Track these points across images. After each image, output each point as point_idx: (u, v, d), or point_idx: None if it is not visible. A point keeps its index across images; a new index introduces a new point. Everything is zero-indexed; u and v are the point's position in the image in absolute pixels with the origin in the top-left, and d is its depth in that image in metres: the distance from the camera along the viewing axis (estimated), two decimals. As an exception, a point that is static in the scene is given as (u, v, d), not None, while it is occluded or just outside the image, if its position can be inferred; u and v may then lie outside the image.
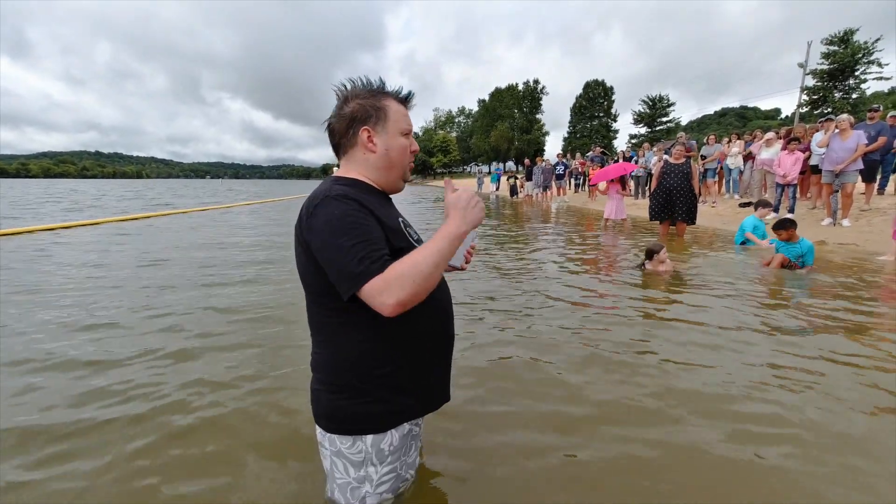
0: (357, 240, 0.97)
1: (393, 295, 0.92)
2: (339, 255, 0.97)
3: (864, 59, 36.42)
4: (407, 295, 0.93)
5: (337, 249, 0.97)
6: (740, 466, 1.71)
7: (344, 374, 1.13)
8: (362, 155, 1.16)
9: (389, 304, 0.93)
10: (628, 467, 1.72)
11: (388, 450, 1.18)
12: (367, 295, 0.95)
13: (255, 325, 3.35)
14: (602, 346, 2.88)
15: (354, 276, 0.95)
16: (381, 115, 1.14)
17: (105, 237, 8.20)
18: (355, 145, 1.15)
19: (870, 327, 3.18)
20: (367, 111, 1.13)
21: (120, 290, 4.33)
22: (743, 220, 6.47)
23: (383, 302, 0.93)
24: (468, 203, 1.06)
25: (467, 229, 1.03)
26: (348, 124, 1.14)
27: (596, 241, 7.63)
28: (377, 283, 0.93)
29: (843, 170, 7.01)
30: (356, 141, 1.15)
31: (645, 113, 58.87)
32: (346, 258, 0.95)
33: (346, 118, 1.14)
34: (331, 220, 0.99)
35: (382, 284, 0.93)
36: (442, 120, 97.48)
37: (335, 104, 1.17)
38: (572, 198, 17.91)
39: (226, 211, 15.09)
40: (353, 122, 1.13)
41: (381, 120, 1.14)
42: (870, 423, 1.99)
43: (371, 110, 1.13)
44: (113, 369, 2.59)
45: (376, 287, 0.93)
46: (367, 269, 0.94)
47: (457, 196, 1.07)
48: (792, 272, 4.75)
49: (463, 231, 1.02)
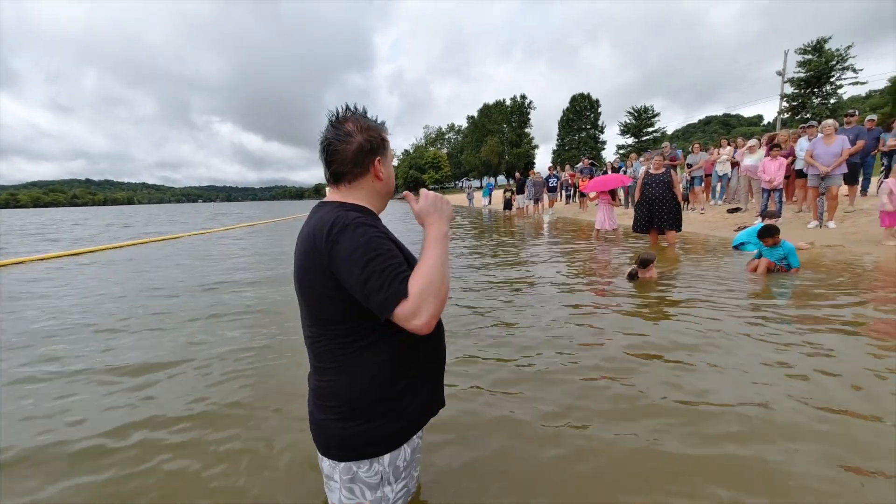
0: (389, 264, 1.01)
1: (426, 311, 0.98)
2: (375, 280, 0.99)
3: (839, 66, 37.64)
4: (436, 306, 0.99)
5: (373, 275, 1.00)
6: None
7: (359, 398, 1.13)
8: (371, 183, 1.19)
9: (424, 319, 0.98)
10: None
11: (403, 465, 1.21)
12: (406, 313, 0.98)
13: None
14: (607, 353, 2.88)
15: (393, 299, 0.98)
16: (385, 145, 1.21)
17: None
18: (366, 174, 1.18)
19: (862, 324, 3.22)
20: (378, 143, 1.18)
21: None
22: (741, 226, 6.59)
23: (419, 319, 0.98)
24: (436, 203, 1.16)
25: (448, 226, 1.14)
26: (364, 155, 1.16)
27: (590, 251, 7.70)
28: (412, 301, 0.98)
29: (829, 173, 7.18)
30: (368, 170, 1.17)
31: (631, 124, 59.98)
32: (383, 282, 0.99)
33: (360, 149, 1.15)
34: (361, 247, 1.02)
35: (417, 302, 0.98)
36: (432, 137, 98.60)
37: (335, 129, 1.15)
38: (564, 209, 18.09)
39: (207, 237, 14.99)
40: (368, 154, 1.16)
41: (385, 150, 1.22)
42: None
43: (380, 142, 1.19)
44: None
45: (412, 305, 0.98)
46: (404, 290, 0.99)
47: (424, 203, 1.16)
48: (783, 275, 4.85)
49: (447, 228, 1.12)
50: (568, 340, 3.25)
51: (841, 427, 1.99)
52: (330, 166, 1.17)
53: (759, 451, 1.84)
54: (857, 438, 1.90)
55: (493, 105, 75.78)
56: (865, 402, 2.19)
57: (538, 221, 15.02)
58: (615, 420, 2.15)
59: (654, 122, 59.30)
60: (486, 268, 6.47)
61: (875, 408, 2.13)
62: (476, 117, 78.75)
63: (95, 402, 2.58)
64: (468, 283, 5.35)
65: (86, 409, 2.48)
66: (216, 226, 19.07)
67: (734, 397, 2.29)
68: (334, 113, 1.19)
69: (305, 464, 1.88)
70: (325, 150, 1.17)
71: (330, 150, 1.16)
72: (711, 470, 1.75)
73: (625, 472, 1.78)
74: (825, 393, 2.29)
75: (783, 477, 1.69)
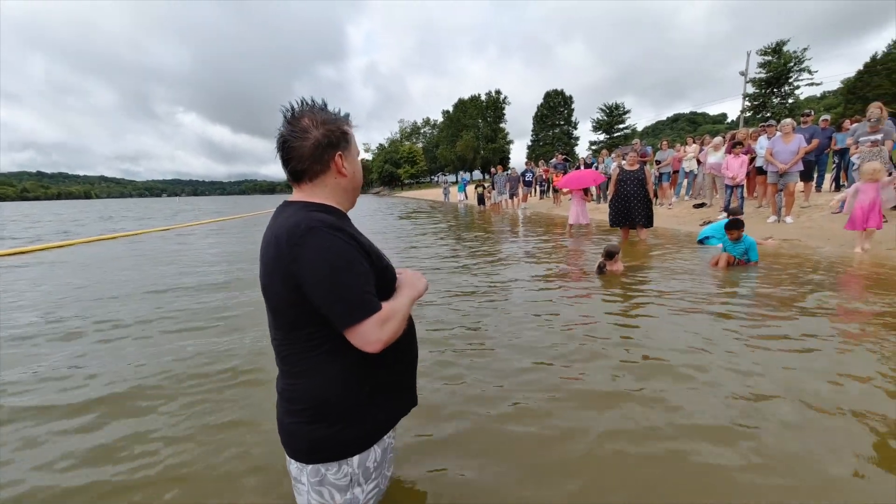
0: (354, 277, 1.03)
1: (386, 333, 1.03)
2: (337, 291, 1.01)
3: (796, 68, 39.62)
4: (394, 335, 1.06)
5: (335, 286, 1.01)
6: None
7: (326, 401, 1.12)
8: (334, 180, 1.15)
9: (382, 340, 1.03)
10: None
11: (373, 466, 1.20)
12: (363, 330, 1.02)
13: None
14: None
15: (355, 313, 1.01)
16: (347, 139, 1.16)
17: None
18: (327, 171, 1.13)
19: (819, 310, 3.40)
20: (338, 136, 1.13)
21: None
22: (706, 221, 6.83)
23: (378, 339, 1.02)
24: (415, 277, 1.27)
25: (419, 293, 1.25)
26: (322, 150, 1.11)
27: (563, 245, 7.82)
28: (374, 321, 1.02)
29: (787, 170, 7.52)
30: (329, 167, 1.13)
31: (603, 120, 61.40)
32: (346, 295, 1.01)
33: (317, 144, 1.10)
34: (325, 255, 1.01)
35: (378, 323, 1.02)
36: (408, 131, 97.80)
37: (290, 126, 1.10)
38: (538, 204, 18.33)
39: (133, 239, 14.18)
40: (327, 148, 1.11)
41: (348, 144, 1.16)
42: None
43: (340, 135, 1.13)
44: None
45: (374, 324, 1.02)
46: (366, 307, 1.02)
47: (401, 278, 1.25)
48: (742, 268, 5.10)
49: (417, 295, 1.23)
50: (537, 332, 3.27)
51: (755, 411, 2.08)
52: (288, 165, 1.12)
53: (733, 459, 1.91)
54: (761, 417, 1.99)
55: (468, 100, 75.77)
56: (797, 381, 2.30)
57: (513, 216, 15.16)
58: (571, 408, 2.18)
59: (625, 119, 60.98)
60: (460, 260, 6.47)
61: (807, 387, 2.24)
62: (451, 112, 78.55)
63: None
64: (442, 277, 5.33)
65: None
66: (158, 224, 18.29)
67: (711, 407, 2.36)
68: (289, 108, 1.12)
69: (277, 467, 1.82)
70: (281, 147, 1.12)
71: (286, 148, 1.11)
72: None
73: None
74: (754, 380, 2.40)
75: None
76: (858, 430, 1.94)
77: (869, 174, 5.35)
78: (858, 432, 1.92)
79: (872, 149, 6.23)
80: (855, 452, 1.78)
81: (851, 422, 2.00)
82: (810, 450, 1.82)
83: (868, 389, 2.29)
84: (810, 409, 2.11)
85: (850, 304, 3.71)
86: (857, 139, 6.80)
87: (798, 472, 1.70)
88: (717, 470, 1.73)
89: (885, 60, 36.92)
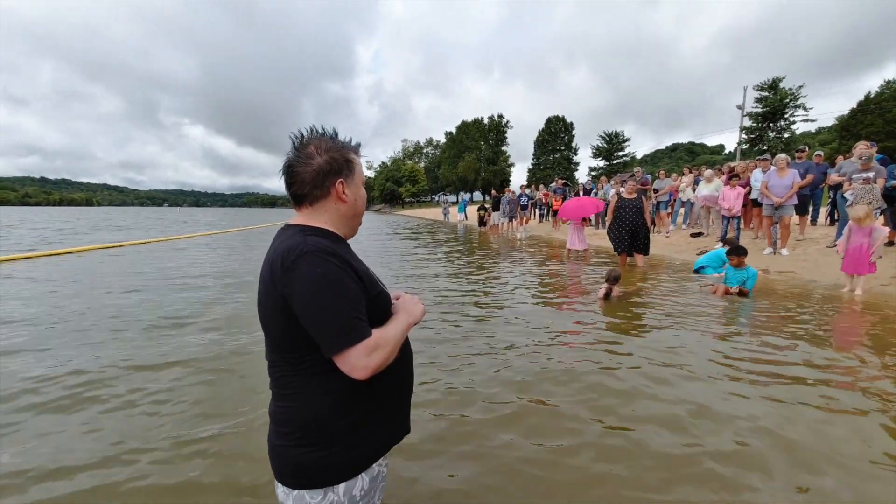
0: (344, 302, 1.03)
1: (373, 361, 1.03)
2: (325, 316, 1.01)
3: (791, 104, 40.61)
4: (382, 363, 1.05)
5: (323, 311, 1.01)
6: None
7: (315, 425, 1.11)
8: (333, 205, 1.18)
9: (370, 367, 1.02)
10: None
11: (360, 495, 1.16)
12: (350, 358, 1.02)
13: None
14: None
15: (342, 339, 1.01)
16: (350, 167, 1.19)
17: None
18: (327, 197, 1.16)
19: (817, 342, 3.41)
20: (340, 164, 1.16)
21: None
22: (702, 250, 6.89)
23: (366, 366, 1.02)
24: (411, 303, 1.26)
25: (415, 320, 1.22)
26: (323, 177, 1.15)
27: (560, 271, 7.85)
28: (361, 349, 1.01)
29: (782, 203, 7.65)
30: (330, 192, 1.16)
31: (603, 147, 62.46)
32: (334, 321, 1.01)
33: (319, 170, 1.14)
34: (316, 279, 1.01)
35: (365, 351, 1.02)
36: (410, 150, 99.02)
37: (297, 152, 1.15)
38: (537, 227, 18.45)
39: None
40: (328, 175, 1.15)
41: (351, 172, 1.19)
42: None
43: (343, 163, 1.17)
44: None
45: (361, 352, 1.01)
46: (354, 334, 1.02)
47: (399, 303, 1.25)
48: (740, 298, 5.15)
49: (413, 322, 1.21)
50: (534, 355, 3.27)
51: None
52: (290, 188, 1.16)
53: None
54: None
55: (471, 122, 77.02)
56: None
57: (512, 239, 15.24)
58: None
59: (625, 147, 61.97)
60: (460, 280, 6.49)
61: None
62: (454, 133, 79.76)
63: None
64: (440, 295, 5.34)
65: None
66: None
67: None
68: (298, 135, 1.18)
69: (267, 489, 1.80)
70: (286, 172, 1.16)
71: (290, 173, 1.15)
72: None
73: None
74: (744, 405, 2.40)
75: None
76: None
77: (855, 221, 5.33)
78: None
79: (865, 185, 6.35)
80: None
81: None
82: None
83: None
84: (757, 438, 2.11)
85: (835, 343, 3.73)
86: (850, 176, 6.94)
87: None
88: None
89: (878, 99, 37.93)
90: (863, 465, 1.97)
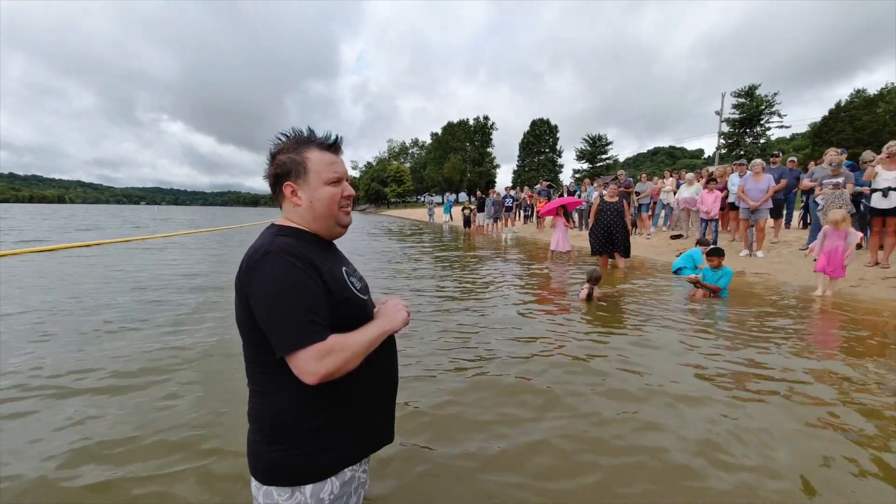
0: (300, 304, 1.01)
1: (324, 366, 1.00)
2: (277, 317, 1.00)
3: (767, 110, 41.94)
4: (335, 369, 1.02)
5: (276, 312, 1.01)
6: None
7: (282, 424, 1.11)
8: (293, 208, 1.19)
9: (319, 373, 0.99)
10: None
11: (328, 499, 1.15)
12: (299, 361, 1.00)
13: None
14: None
15: (291, 341, 0.99)
16: (300, 169, 1.15)
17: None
18: (285, 199, 1.19)
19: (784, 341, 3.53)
20: (288, 167, 1.16)
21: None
22: (681, 251, 7.05)
23: (315, 371, 0.99)
24: (394, 309, 1.23)
25: (393, 328, 1.19)
26: (274, 181, 1.18)
27: (544, 272, 7.93)
28: (312, 352, 0.99)
29: (758, 207, 7.89)
30: (284, 195, 1.18)
31: (586, 150, 63.36)
32: (285, 322, 1.00)
33: (271, 175, 1.18)
34: (272, 280, 1.02)
35: (316, 355, 0.99)
36: (396, 150, 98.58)
37: (270, 156, 1.20)
38: (522, 229, 18.59)
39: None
40: (277, 179, 1.17)
41: (301, 174, 1.16)
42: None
43: (291, 164, 1.15)
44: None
45: (311, 356, 0.99)
46: (304, 337, 0.99)
47: (384, 307, 1.23)
48: (717, 299, 5.30)
49: (390, 329, 1.18)
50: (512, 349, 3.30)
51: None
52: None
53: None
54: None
55: (456, 124, 77.12)
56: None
57: (497, 239, 15.32)
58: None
59: (608, 150, 63.02)
60: (444, 280, 6.48)
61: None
62: (440, 134, 79.76)
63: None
64: (425, 296, 5.33)
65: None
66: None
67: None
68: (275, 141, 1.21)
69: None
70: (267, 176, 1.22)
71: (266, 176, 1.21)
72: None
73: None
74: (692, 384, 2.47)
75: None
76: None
77: (832, 223, 5.45)
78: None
79: (834, 191, 6.59)
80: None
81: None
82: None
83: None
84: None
85: (807, 339, 3.86)
86: (821, 181, 7.20)
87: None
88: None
89: (848, 108, 39.44)
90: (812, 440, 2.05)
